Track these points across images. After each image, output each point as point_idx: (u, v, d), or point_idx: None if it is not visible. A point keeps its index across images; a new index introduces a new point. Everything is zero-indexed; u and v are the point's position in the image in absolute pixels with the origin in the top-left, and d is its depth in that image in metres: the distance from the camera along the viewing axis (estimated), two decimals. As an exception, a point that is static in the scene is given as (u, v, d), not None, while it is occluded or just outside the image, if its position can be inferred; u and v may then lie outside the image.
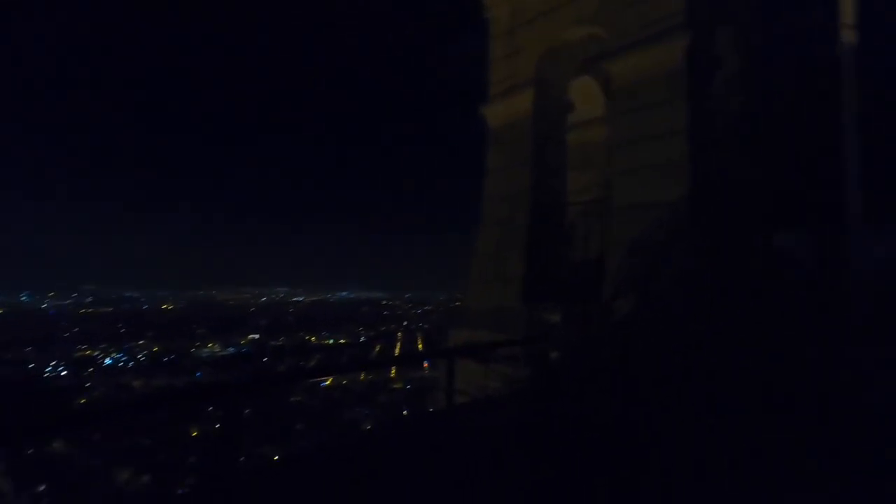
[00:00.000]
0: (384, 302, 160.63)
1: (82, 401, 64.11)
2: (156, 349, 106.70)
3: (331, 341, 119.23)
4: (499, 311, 10.82)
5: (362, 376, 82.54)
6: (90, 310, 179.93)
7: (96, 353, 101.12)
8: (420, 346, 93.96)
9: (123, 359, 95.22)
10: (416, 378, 70.94)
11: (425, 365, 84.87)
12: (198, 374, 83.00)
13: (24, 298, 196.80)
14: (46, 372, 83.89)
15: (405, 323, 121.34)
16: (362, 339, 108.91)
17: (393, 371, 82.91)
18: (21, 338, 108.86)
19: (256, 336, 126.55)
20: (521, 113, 11.91)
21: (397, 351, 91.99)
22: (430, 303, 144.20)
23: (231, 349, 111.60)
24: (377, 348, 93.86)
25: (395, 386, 70.17)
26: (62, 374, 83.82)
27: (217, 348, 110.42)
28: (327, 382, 78.16)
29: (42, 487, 35.36)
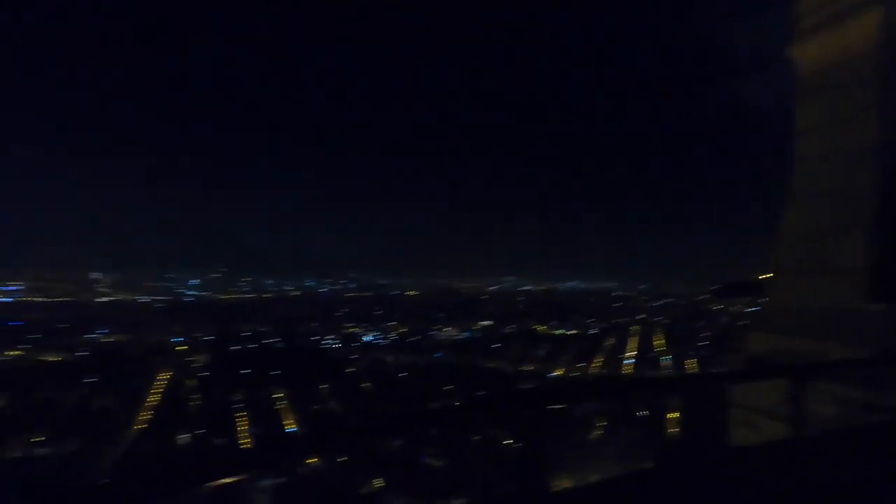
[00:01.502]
0: (615, 293, 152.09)
1: (351, 370, 76.50)
2: (404, 330, 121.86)
3: (559, 331, 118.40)
4: (827, 313, 7.68)
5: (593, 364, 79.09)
6: (354, 294, 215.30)
7: (359, 330, 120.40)
8: (661, 341, 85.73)
9: (380, 337, 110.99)
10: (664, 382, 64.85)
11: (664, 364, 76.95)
12: (438, 354, 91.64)
13: (308, 284, 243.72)
14: (324, 343, 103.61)
15: (640, 316, 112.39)
16: (593, 331, 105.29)
17: (628, 364, 77.31)
18: (308, 315, 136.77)
19: (488, 323, 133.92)
20: (858, 45, 8.39)
21: (633, 345, 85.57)
22: (669, 294, 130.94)
23: (466, 333, 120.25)
24: (609, 342, 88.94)
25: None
26: (335, 345, 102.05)
27: (454, 332, 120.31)
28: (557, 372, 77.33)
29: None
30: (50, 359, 76.50)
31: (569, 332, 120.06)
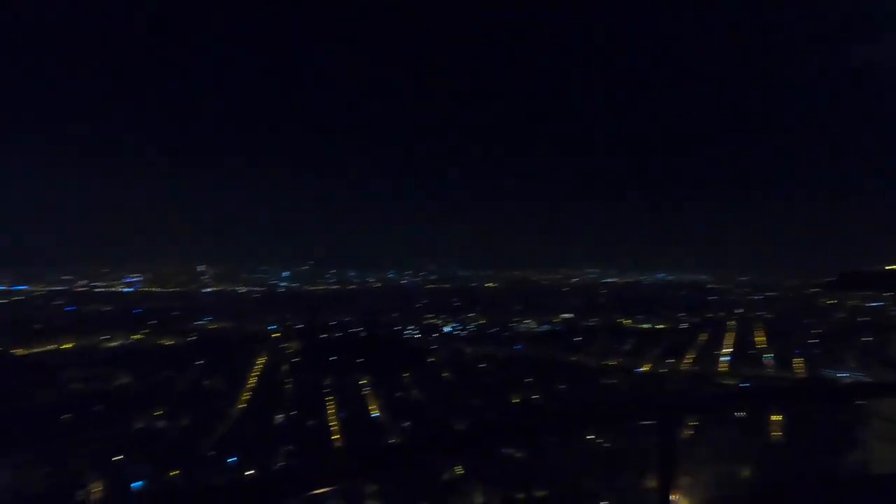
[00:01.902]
0: (710, 286, 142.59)
1: (431, 359, 78.19)
2: (482, 321, 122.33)
3: (646, 325, 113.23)
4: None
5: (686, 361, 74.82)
6: (434, 285, 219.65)
7: (438, 321, 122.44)
8: (763, 338, 79.66)
9: (459, 328, 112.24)
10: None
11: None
12: (517, 346, 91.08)
13: (390, 275, 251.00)
14: (406, 333, 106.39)
15: (738, 310, 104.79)
16: (684, 326, 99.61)
17: (724, 362, 72.52)
18: (390, 306, 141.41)
19: (569, 315, 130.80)
20: None
21: (729, 342, 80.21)
22: (773, 287, 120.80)
23: (546, 326, 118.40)
24: (702, 337, 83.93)
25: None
26: (415, 335, 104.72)
27: (533, 324, 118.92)
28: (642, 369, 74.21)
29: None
30: (165, 343, 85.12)
31: (657, 327, 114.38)
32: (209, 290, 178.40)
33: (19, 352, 72.93)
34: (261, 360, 74.51)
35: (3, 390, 53.07)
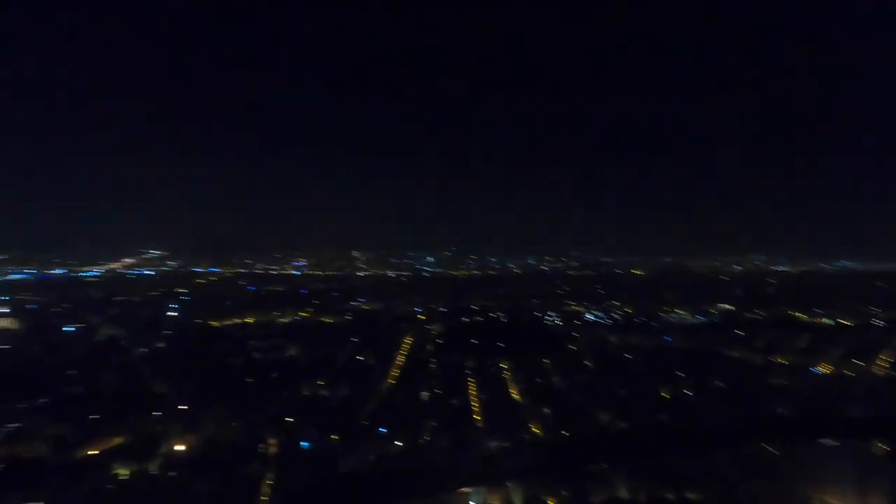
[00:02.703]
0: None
1: (572, 347, 75.93)
2: (628, 310, 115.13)
3: (826, 320, 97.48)
4: None
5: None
6: (575, 272, 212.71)
7: (580, 308, 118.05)
8: None
9: (602, 316, 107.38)
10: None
11: None
12: (666, 337, 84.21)
13: (530, 261, 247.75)
14: (547, 319, 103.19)
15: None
16: (877, 323, 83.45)
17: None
18: (530, 292, 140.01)
19: (729, 307, 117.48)
20: None
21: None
22: None
23: (700, 317, 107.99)
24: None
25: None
26: (556, 322, 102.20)
27: (686, 315, 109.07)
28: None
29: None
30: (326, 320, 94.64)
31: (841, 322, 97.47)
32: (362, 273, 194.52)
33: (214, 323, 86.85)
34: (408, 340, 79.11)
35: (204, 356, 63.40)
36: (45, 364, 58.17)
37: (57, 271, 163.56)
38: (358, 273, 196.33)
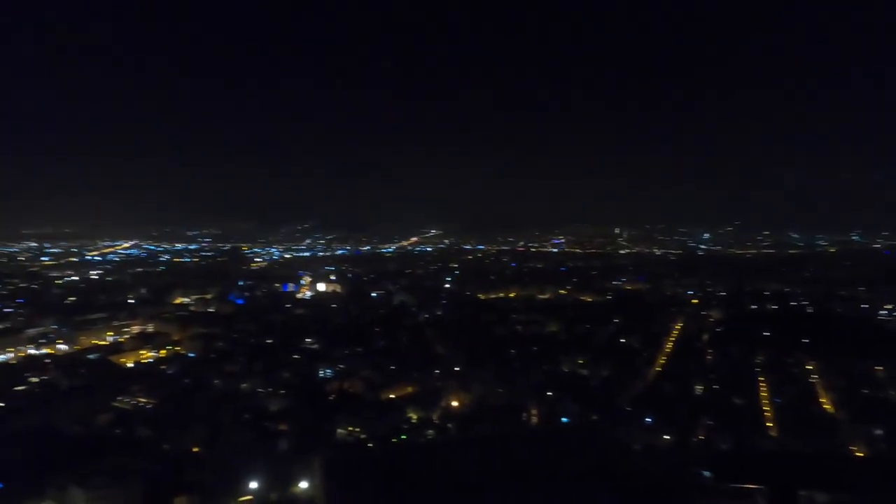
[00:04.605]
0: None
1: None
2: None
3: None
4: None
5: None
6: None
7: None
8: None
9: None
10: None
11: None
12: None
13: (854, 237, 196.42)
14: (880, 315, 76.92)
15: None
16: None
17: None
18: (853, 278, 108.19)
19: None
20: None
21: None
22: None
23: None
24: None
25: None
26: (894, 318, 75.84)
27: None
28: None
29: None
30: (585, 299, 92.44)
31: None
32: (625, 251, 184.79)
33: (481, 296, 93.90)
34: (678, 325, 71.17)
35: (473, 325, 68.87)
36: (360, 321, 71.84)
37: (365, 248, 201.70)
38: (620, 251, 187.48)
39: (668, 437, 35.12)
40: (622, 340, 61.91)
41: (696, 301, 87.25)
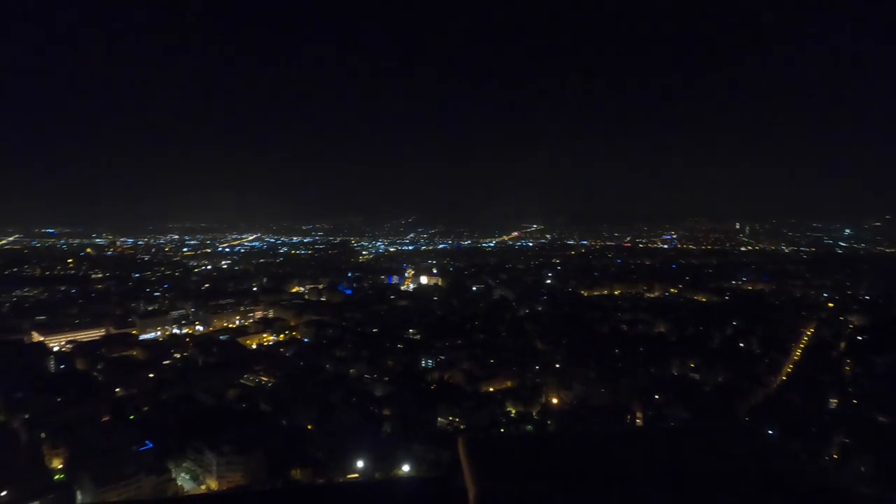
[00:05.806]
0: None
1: None
2: None
3: None
4: None
5: None
6: None
7: None
8: None
9: None
10: None
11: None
12: None
13: None
14: None
15: None
16: None
17: None
18: None
19: None
20: None
21: None
22: None
23: None
24: None
25: None
26: None
27: None
28: None
29: None
30: (698, 299, 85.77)
31: None
32: (746, 248, 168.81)
33: (584, 293, 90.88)
34: (809, 331, 63.64)
35: (575, 322, 66.82)
36: (461, 314, 72.97)
37: (466, 242, 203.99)
38: (740, 248, 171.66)
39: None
40: (741, 345, 56.80)
41: (832, 304, 77.58)
